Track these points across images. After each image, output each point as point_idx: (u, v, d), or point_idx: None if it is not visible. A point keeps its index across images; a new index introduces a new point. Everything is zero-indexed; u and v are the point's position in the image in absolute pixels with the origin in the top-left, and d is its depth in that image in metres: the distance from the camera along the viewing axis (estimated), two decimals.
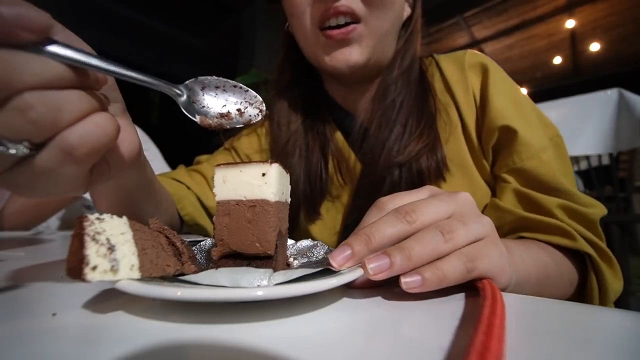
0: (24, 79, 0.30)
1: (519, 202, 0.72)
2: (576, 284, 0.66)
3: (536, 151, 0.72)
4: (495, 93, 0.77)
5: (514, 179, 0.74)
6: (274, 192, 0.40)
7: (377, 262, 0.37)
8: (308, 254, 0.51)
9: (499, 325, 0.26)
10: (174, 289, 0.29)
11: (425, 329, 0.31)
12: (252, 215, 0.40)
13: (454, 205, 0.44)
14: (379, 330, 0.31)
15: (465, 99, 0.82)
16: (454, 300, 0.38)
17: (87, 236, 0.31)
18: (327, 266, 0.38)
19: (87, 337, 0.28)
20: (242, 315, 0.32)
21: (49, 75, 0.32)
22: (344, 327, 0.31)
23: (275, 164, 0.40)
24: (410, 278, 0.37)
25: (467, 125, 0.80)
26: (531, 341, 0.29)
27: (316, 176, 0.90)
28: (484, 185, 0.79)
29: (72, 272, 0.30)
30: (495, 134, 0.75)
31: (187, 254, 0.40)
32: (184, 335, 0.28)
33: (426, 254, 0.38)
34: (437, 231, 0.40)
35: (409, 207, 0.42)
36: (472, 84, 0.82)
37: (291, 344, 0.27)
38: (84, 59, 0.34)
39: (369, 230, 0.40)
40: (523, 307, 0.38)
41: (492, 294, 0.33)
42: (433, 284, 0.37)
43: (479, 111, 0.80)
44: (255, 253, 0.40)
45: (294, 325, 0.31)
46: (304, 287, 0.32)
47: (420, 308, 0.36)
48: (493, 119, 0.75)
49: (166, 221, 0.83)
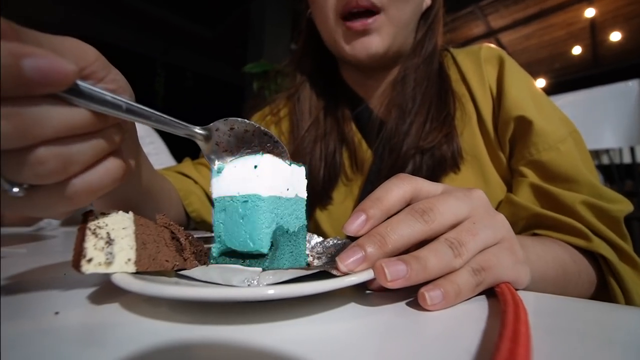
0: (40, 133, 0.28)
1: (536, 198, 0.70)
2: (596, 284, 0.65)
3: (554, 142, 0.70)
4: (511, 84, 0.77)
5: (531, 172, 0.73)
6: (266, 185, 0.38)
7: (394, 267, 0.35)
8: (333, 253, 0.50)
9: (525, 332, 0.25)
10: (171, 287, 0.29)
11: (447, 332, 0.30)
12: (244, 210, 0.39)
13: (470, 205, 0.42)
14: (397, 333, 0.30)
15: (481, 91, 0.81)
16: (475, 302, 0.38)
17: (89, 230, 0.32)
18: (329, 269, 0.36)
19: (91, 337, 0.27)
20: (251, 315, 0.32)
21: (68, 125, 0.30)
22: (359, 329, 0.30)
23: (267, 154, 0.39)
24: (434, 292, 0.35)
25: (483, 116, 0.80)
26: (552, 341, 0.28)
27: (331, 163, 0.91)
28: (498, 179, 0.78)
29: (74, 264, 0.31)
30: (511, 125, 0.74)
31: (190, 250, 0.40)
32: (191, 336, 0.28)
33: (440, 267, 0.37)
34: (447, 245, 0.38)
35: (426, 205, 0.40)
36: (488, 76, 0.82)
37: (304, 346, 0.26)
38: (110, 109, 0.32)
39: (384, 230, 0.38)
40: (542, 305, 0.37)
41: (513, 300, 0.32)
42: (451, 299, 0.36)
43: (495, 102, 0.80)
44: (248, 251, 0.39)
45: (307, 326, 0.31)
46: (318, 285, 0.31)
47: (442, 310, 0.35)
48: (509, 109, 0.75)
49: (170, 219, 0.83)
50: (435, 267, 0.36)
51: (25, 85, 0.25)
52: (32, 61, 0.24)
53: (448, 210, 0.40)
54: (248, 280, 0.34)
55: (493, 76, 0.81)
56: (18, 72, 0.24)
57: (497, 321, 0.32)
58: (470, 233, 0.40)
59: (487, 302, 0.38)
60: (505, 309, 0.30)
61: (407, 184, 0.42)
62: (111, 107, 0.32)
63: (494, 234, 0.41)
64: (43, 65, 0.25)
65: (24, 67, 0.24)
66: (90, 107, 0.30)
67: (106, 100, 0.31)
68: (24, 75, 0.24)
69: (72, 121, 0.30)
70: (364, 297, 0.38)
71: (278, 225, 0.40)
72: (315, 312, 0.33)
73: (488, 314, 0.34)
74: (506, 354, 0.22)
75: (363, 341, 0.28)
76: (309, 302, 0.35)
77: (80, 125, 0.30)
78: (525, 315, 0.29)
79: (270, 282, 0.33)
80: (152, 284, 0.29)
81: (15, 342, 0.26)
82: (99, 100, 0.30)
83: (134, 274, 0.33)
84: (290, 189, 0.43)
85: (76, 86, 0.29)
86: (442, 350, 0.27)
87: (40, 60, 0.25)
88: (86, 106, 0.30)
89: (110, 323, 0.30)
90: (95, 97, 0.30)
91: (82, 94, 0.29)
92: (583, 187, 0.67)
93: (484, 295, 0.40)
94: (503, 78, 0.78)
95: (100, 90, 0.31)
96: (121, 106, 0.33)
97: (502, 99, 0.77)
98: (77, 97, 0.29)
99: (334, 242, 0.53)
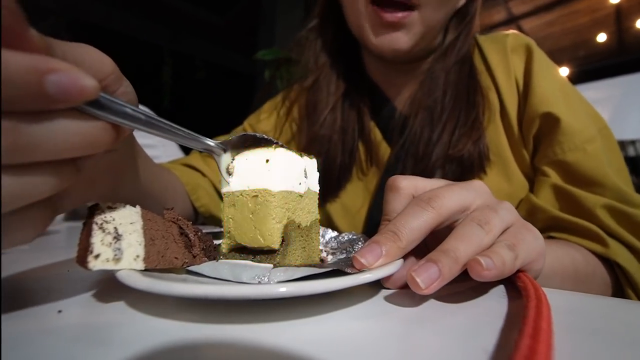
0: (52, 147, 0.27)
1: (557, 200, 0.69)
2: (612, 289, 0.63)
3: (580, 142, 0.69)
4: (540, 77, 0.75)
5: (554, 172, 0.71)
6: (277, 180, 0.38)
7: (425, 272, 0.35)
8: (348, 249, 0.50)
9: (547, 328, 0.24)
10: (179, 285, 0.29)
11: (465, 330, 0.30)
12: (254, 205, 0.39)
13: (474, 193, 0.43)
14: (413, 331, 0.30)
15: (506, 83, 0.79)
16: (494, 298, 0.37)
17: (95, 224, 0.32)
18: (343, 267, 0.36)
19: (95, 337, 0.27)
20: (262, 314, 0.32)
21: (84, 138, 0.28)
22: (375, 328, 0.30)
23: (280, 148, 0.39)
24: (485, 259, 0.35)
25: (508, 111, 0.78)
26: (573, 340, 0.28)
27: (348, 156, 0.90)
28: (520, 178, 0.77)
29: (79, 259, 0.31)
30: (537, 121, 0.73)
31: (200, 246, 0.40)
32: (199, 335, 0.28)
33: (471, 251, 0.37)
34: (474, 224, 0.38)
35: (430, 194, 0.41)
36: (514, 68, 0.79)
37: (318, 346, 0.26)
38: (129, 122, 0.31)
39: (394, 226, 0.39)
40: (562, 303, 0.36)
41: (536, 294, 0.31)
42: (500, 268, 0.35)
43: (521, 96, 0.78)
44: (259, 247, 0.39)
45: (320, 325, 0.30)
46: (332, 283, 0.31)
47: (460, 307, 0.35)
48: (535, 105, 0.73)
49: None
50: (467, 253, 0.36)
51: (44, 101, 0.24)
52: (55, 77, 0.24)
53: (453, 195, 0.41)
54: (259, 277, 0.34)
55: (520, 67, 0.79)
56: (39, 89, 0.23)
57: (518, 317, 0.31)
58: (492, 210, 0.41)
59: (507, 298, 0.38)
60: (527, 303, 0.30)
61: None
62: (130, 120, 0.31)
63: (509, 215, 0.42)
64: (65, 81, 0.24)
65: (46, 84, 0.23)
66: (108, 119, 0.29)
67: (126, 113, 0.31)
68: (45, 92, 0.24)
69: (88, 134, 0.29)
70: (379, 295, 0.38)
71: (289, 220, 0.40)
72: (329, 310, 0.33)
73: (508, 309, 0.34)
74: (525, 351, 0.21)
75: (379, 340, 0.28)
76: (322, 300, 0.35)
77: (96, 139, 0.29)
78: (547, 310, 0.28)
79: (282, 279, 0.33)
80: (159, 281, 0.29)
81: (17, 341, 0.26)
82: (118, 112, 0.30)
83: (141, 271, 0.33)
84: (302, 183, 0.42)
85: (97, 98, 0.28)
86: (460, 348, 0.26)
87: (63, 75, 0.24)
88: (105, 118, 0.29)
89: (115, 322, 0.30)
90: (115, 109, 0.30)
91: (102, 106, 0.29)
92: (608, 190, 0.66)
93: (504, 290, 0.40)
94: (531, 70, 0.76)
95: (121, 102, 0.30)
96: (140, 119, 0.32)
97: (529, 93, 0.75)
98: (97, 109, 0.28)
99: (349, 237, 0.53)
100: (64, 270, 0.44)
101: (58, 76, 0.24)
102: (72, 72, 0.25)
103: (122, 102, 0.30)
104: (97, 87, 0.26)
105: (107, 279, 0.41)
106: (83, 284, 0.39)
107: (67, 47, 0.28)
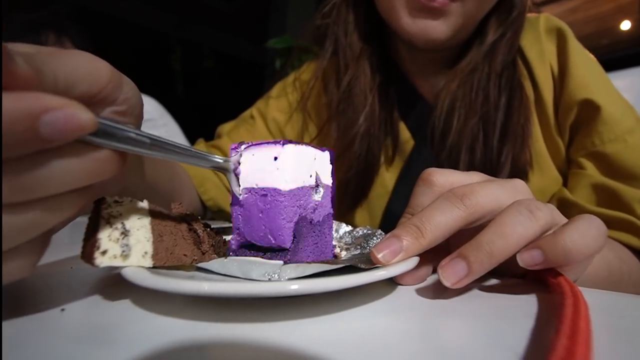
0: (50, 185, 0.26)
1: (594, 194, 0.67)
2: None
3: (621, 132, 0.66)
4: (577, 62, 0.72)
5: (591, 165, 0.69)
6: (287, 179, 0.38)
7: (452, 268, 0.34)
8: (362, 244, 0.49)
9: (585, 328, 0.24)
10: (186, 282, 0.29)
11: (493, 330, 0.29)
12: (263, 205, 0.39)
13: (513, 192, 0.40)
14: (433, 331, 0.29)
15: (541, 68, 0.76)
16: (524, 297, 0.37)
17: (102, 219, 0.32)
18: (357, 263, 0.35)
19: (99, 336, 0.27)
20: (273, 312, 0.32)
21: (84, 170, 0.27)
22: (392, 327, 0.30)
23: (288, 145, 0.38)
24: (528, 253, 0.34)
25: (544, 99, 0.75)
26: (613, 341, 0.27)
27: (371, 145, 0.84)
28: (554, 171, 0.75)
29: (84, 255, 0.31)
30: (575, 109, 0.70)
31: (209, 243, 0.40)
32: (207, 334, 0.27)
33: (512, 245, 0.35)
34: (523, 208, 0.36)
35: (465, 189, 0.39)
36: (548, 52, 0.76)
37: (331, 346, 0.26)
38: (133, 147, 0.30)
39: (418, 220, 0.37)
40: (598, 302, 0.35)
41: (572, 291, 0.31)
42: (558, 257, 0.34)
43: (556, 83, 0.75)
44: (269, 246, 0.39)
45: (333, 324, 0.30)
46: (345, 280, 0.30)
47: (486, 305, 0.35)
48: (573, 91, 0.71)
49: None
50: (503, 248, 0.34)
51: (39, 144, 0.23)
52: (48, 117, 0.22)
53: (489, 193, 0.39)
54: (268, 273, 0.33)
55: (553, 52, 0.76)
56: (33, 135, 0.22)
57: (551, 317, 0.31)
58: (534, 205, 0.37)
59: (536, 297, 0.36)
60: (563, 301, 0.29)
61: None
62: (135, 145, 0.30)
63: (551, 214, 0.39)
64: (59, 121, 0.23)
65: (40, 128, 0.22)
66: (111, 147, 0.28)
67: (130, 138, 0.30)
68: (40, 136, 0.23)
69: (90, 166, 0.27)
70: (396, 292, 0.38)
71: (300, 217, 0.39)
72: (343, 309, 0.33)
73: (538, 309, 0.33)
74: (562, 353, 0.20)
75: (396, 340, 0.27)
76: (335, 298, 0.35)
77: (100, 169, 0.28)
78: (585, 309, 0.27)
79: (292, 276, 0.33)
80: (165, 279, 0.29)
81: (18, 341, 0.26)
82: (121, 138, 0.29)
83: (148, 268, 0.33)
84: (313, 175, 0.42)
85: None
86: (485, 351, 0.26)
87: (56, 115, 0.23)
88: (108, 146, 0.28)
89: (120, 321, 0.30)
90: (118, 135, 0.29)
91: (104, 134, 0.28)
92: None
93: (533, 289, 0.39)
94: (567, 55, 0.73)
95: (124, 127, 0.29)
96: (145, 142, 0.31)
97: (565, 78, 0.72)
98: (99, 137, 0.27)
99: (364, 231, 0.52)
100: (67, 267, 0.44)
101: (51, 116, 0.23)
102: (66, 109, 0.23)
103: (125, 127, 0.29)
104: (93, 121, 0.25)
105: (111, 276, 0.41)
106: (87, 281, 0.40)
107: (57, 66, 0.26)
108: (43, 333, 0.27)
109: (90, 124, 0.25)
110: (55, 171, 0.25)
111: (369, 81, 0.85)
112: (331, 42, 0.90)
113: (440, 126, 0.78)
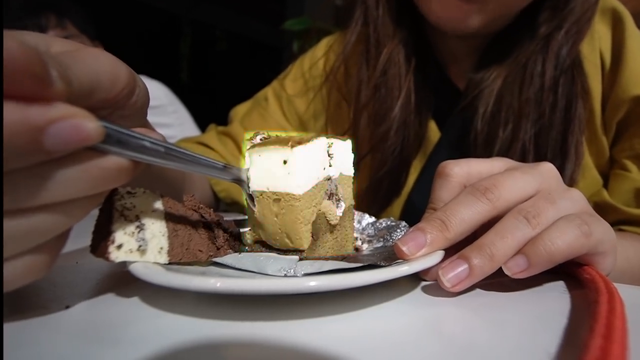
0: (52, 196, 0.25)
1: (636, 198, 0.65)
2: None
3: None
4: (634, 52, 0.67)
5: (637, 168, 0.67)
6: (300, 182, 0.38)
7: (452, 271, 0.35)
8: (385, 236, 0.49)
9: (621, 327, 0.24)
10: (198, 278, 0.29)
11: (522, 328, 0.29)
12: (278, 209, 0.39)
13: (539, 179, 0.41)
14: (459, 330, 0.30)
15: (589, 55, 0.70)
16: (556, 293, 0.37)
17: (116, 211, 0.31)
18: (376, 261, 0.36)
19: (105, 335, 0.28)
20: (289, 310, 0.32)
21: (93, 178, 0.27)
22: (416, 325, 0.30)
23: (297, 147, 0.37)
24: (514, 261, 0.35)
25: (589, 89, 0.70)
26: None
27: (408, 135, 0.79)
28: (594, 173, 0.72)
29: (96, 249, 0.31)
30: (625, 105, 0.67)
31: (223, 237, 0.40)
32: (220, 333, 0.28)
33: (511, 248, 0.36)
34: (521, 217, 0.37)
35: (489, 183, 0.39)
36: (600, 35, 0.71)
37: (352, 344, 0.26)
38: (147, 156, 0.29)
39: (443, 214, 0.38)
40: (634, 299, 0.35)
41: (607, 288, 0.31)
42: (542, 263, 0.35)
43: (607, 73, 0.70)
44: (287, 248, 0.39)
45: (354, 321, 0.30)
46: (366, 276, 0.31)
47: (515, 302, 0.35)
48: (626, 85, 0.67)
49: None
50: (504, 250, 0.36)
51: (43, 156, 0.23)
52: (54, 129, 0.22)
53: (514, 185, 0.39)
54: (284, 269, 0.34)
55: (607, 38, 0.71)
56: (36, 147, 0.22)
57: (585, 315, 0.30)
58: (548, 201, 0.38)
59: (569, 295, 0.36)
60: (598, 298, 0.29)
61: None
62: (148, 154, 0.29)
63: (572, 205, 0.39)
64: (64, 133, 0.23)
65: (44, 141, 0.22)
66: (123, 155, 0.28)
67: (144, 147, 0.29)
68: (43, 148, 0.22)
69: (99, 175, 0.27)
70: (420, 289, 0.38)
71: (318, 214, 0.40)
72: (364, 306, 0.33)
73: (571, 306, 0.33)
74: (597, 353, 0.21)
75: (418, 340, 0.28)
76: (355, 294, 0.35)
77: (110, 177, 0.28)
78: (621, 307, 0.27)
79: (309, 271, 0.33)
80: (176, 275, 0.29)
81: (21, 339, 0.26)
82: (134, 147, 0.28)
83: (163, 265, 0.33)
84: (327, 167, 0.42)
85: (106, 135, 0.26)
86: (516, 351, 0.26)
87: (62, 126, 0.22)
88: (119, 154, 0.27)
89: (127, 319, 0.30)
90: (130, 143, 0.28)
91: (115, 142, 0.27)
92: None
93: (565, 285, 0.39)
94: (623, 42, 0.68)
95: (139, 135, 0.29)
96: (159, 151, 0.31)
97: (619, 70, 0.68)
98: (110, 145, 0.27)
99: (387, 223, 0.53)
100: (72, 262, 0.44)
101: (57, 127, 0.22)
102: (72, 119, 0.23)
103: (139, 135, 0.29)
104: (100, 130, 0.24)
105: (118, 272, 0.41)
106: (92, 277, 0.39)
107: (82, 72, 0.26)
108: (47, 331, 0.27)
109: (96, 134, 0.24)
110: (63, 179, 0.25)
111: (404, 63, 0.79)
112: (361, 12, 0.83)
113: (484, 131, 0.73)
